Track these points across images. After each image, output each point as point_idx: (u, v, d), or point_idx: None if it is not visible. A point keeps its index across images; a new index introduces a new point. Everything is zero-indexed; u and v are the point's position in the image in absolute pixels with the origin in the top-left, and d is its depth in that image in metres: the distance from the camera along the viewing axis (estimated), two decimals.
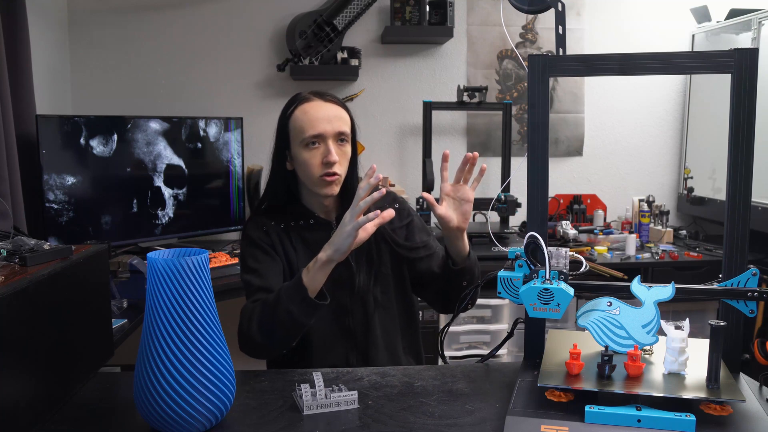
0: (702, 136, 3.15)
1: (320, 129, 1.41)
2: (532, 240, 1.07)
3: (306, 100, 1.46)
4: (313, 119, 1.42)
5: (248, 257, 1.45)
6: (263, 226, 1.47)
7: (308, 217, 1.49)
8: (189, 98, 2.98)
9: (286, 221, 1.49)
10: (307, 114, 1.43)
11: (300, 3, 2.97)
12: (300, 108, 1.45)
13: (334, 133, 1.42)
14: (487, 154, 3.22)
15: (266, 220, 1.48)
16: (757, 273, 1.05)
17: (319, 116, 1.42)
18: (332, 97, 1.50)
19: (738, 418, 0.94)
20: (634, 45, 3.17)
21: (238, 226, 2.88)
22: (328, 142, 1.41)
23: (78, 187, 2.36)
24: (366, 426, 1.01)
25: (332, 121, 1.43)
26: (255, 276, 1.42)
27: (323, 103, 1.46)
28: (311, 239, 1.48)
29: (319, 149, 1.42)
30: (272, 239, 1.46)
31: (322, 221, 1.49)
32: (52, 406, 1.02)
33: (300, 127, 1.43)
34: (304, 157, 1.42)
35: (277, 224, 1.48)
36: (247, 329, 1.31)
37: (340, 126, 1.43)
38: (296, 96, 1.49)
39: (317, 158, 1.41)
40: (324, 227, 1.49)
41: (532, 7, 1.14)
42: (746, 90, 1.03)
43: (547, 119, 1.12)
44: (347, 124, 1.46)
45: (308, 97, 1.47)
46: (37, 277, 0.97)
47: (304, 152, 1.42)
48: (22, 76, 2.18)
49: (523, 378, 1.10)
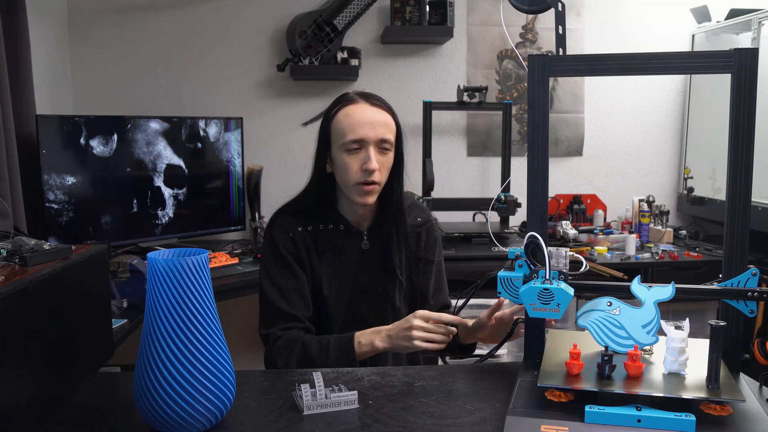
0: (702, 136, 3.15)
1: (362, 134, 1.35)
2: (532, 240, 1.07)
3: (351, 102, 1.40)
4: (355, 123, 1.36)
5: (272, 266, 1.42)
6: (289, 231, 1.43)
7: (339, 222, 1.45)
8: (189, 98, 2.98)
9: (315, 224, 1.44)
10: (350, 117, 1.37)
11: (300, 3, 2.97)
12: (344, 110, 1.39)
13: (377, 140, 1.36)
14: (487, 154, 3.22)
15: (293, 222, 1.44)
16: (757, 273, 1.05)
17: (362, 120, 1.36)
18: (379, 102, 1.42)
19: (738, 418, 0.94)
20: (634, 45, 3.17)
21: (238, 226, 2.89)
22: (369, 148, 1.36)
23: (78, 187, 2.36)
24: (366, 426, 1.01)
25: (375, 127, 1.36)
26: (279, 296, 1.40)
27: (368, 107, 1.39)
28: (340, 246, 1.44)
29: (359, 155, 1.36)
30: (298, 248, 1.42)
31: (353, 230, 1.46)
32: (52, 406, 1.02)
33: (341, 129, 1.37)
34: (343, 162, 1.37)
35: (305, 228, 1.44)
36: (284, 366, 1.35)
37: (383, 133, 1.37)
38: (342, 96, 1.43)
39: (356, 164, 1.36)
40: (354, 236, 1.46)
41: (532, 7, 1.14)
42: (746, 90, 1.03)
43: (547, 119, 1.11)
44: (392, 131, 1.40)
45: (354, 98, 1.41)
46: (37, 277, 0.97)
47: (344, 156, 1.37)
48: (22, 76, 2.18)
49: (523, 378, 1.10)
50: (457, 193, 3.21)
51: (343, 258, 1.44)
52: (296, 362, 1.34)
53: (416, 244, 1.50)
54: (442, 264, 1.58)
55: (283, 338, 1.37)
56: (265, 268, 1.44)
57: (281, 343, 1.36)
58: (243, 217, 2.89)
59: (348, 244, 1.45)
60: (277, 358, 1.36)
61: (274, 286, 1.41)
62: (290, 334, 1.38)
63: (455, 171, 3.22)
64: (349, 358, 1.32)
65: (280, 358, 1.36)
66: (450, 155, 3.21)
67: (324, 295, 1.43)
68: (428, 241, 1.53)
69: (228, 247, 2.72)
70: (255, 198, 2.93)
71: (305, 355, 1.34)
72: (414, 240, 1.50)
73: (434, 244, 1.54)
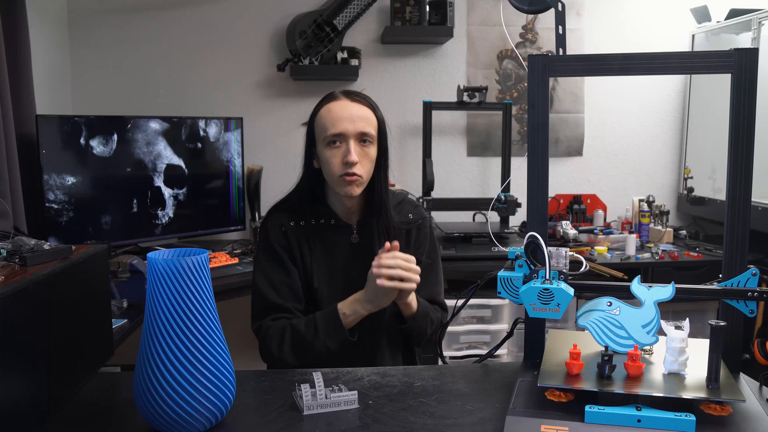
0: (702, 136, 3.15)
1: (341, 128, 1.40)
2: (532, 240, 1.07)
3: (333, 99, 1.45)
4: (336, 118, 1.41)
5: (264, 261, 1.47)
6: (282, 226, 1.48)
7: (330, 217, 1.50)
8: (189, 98, 2.98)
9: (306, 219, 1.49)
10: (330, 113, 1.42)
11: (300, 3, 2.97)
12: (326, 106, 1.44)
13: (356, 133, 1.41)
14: (487, 154, 3.22)
15: (286, 217, 1.49)
16: (757, 273, 1.05)
17: (343, 115, 1.41)
18: (361, 98, 1.47)
19: (738, 418, 0.94)
20: (634, 45, 3.17)
21: (238, 226, 2.89)
22: (350, 141, 1.40)
23: (78, 187, 2.36)
24: (366, 426, 1.01)
25: (355, 121, 1.41)
26: (271, 289, 1.44)
27: (349, 103, 1.44)
28: (330, 240, 1.49)
29: (340, 148, 1.41)
30: (290, 242, 1.47)
31: (343, 224, 1.50)
32: (52, 406, 1.02)
33: (323, 125, 1.43)
34: (326, 156, 1.42)
35: (297, 223, 1.48)
36: (279, 352, 1.38)
37: (363, 126, 1.41)
38: (327, 94, 1.48)
39: (338, 158, 1.40)
40: (344, 230, 1.50)
41: (532, 7, 1.14)
42: (746, 90, 1.03)
43: (547, 119, 1.12)
44: (372, 125, 1.44)
45: (336, 95, 1.46)
46: (37, 277, 0.97)
47: (326, 151, 1.42)
48: (22, 77, 2.18)
49: (523, 378, 1.10)
50: (457, 193, 3.21)
51: (333, 252, 1.49)
52: (289, 345, 1.38)
53: (406, 242, 1.51)
54: (436, 265, 1.57)
55: (273, 327, 1.41)
56: (257, 263, 1.49)
57: (272, 332, 1.40)
58: (243, 217, 2.89)
59: (338, 238, 1.49)
60: (271, 346, 1.39)
61: (266, 279, 1.45)
62: (280, 322, 1.42)
63: (455, 171, 3.22)
64: (337, 329, 1.36)
65: (273, 345, 1.39)
66: (450, 155, 3.21)
67: (315, 287, 1.47)
68: (417, 238, 1.54)
69: (228, 247, 2.72)
70: (255, 198, 2.93)
71: (296, 336, 1.38)
72: (404, 237, 1.51)
73: (423, 243, 1.55)
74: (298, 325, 1.39)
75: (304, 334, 1.37)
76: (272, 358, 1.40)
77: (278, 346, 1.38)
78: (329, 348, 1.36)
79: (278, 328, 1.40)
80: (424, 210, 1.61)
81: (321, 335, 1.37)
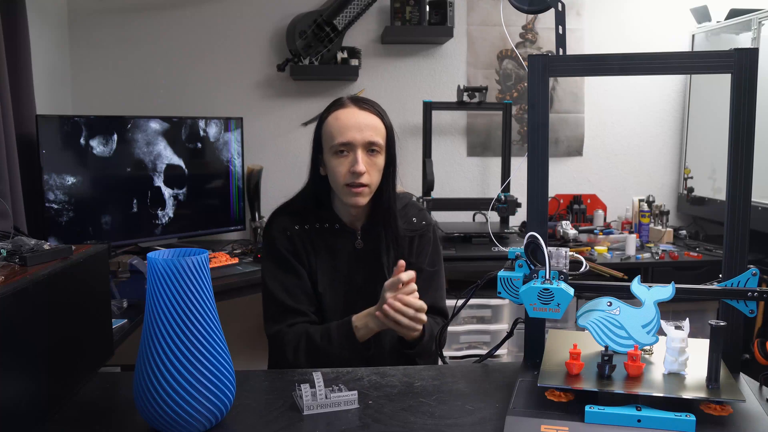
0: (702, 136, 3.15)
1: (349, 137, 1.38)
2: (532, 240, 1.07)
3: (341, 106, 1.42)
4: (344, 126, 1.39)
5: (273, 266, 1.46)
6: (287, 230, 1.47)
7: (334, 222, 1.48)
8: (189, 98, 2.98)
9: (310, 223, 1.48)
10: (338, 120, 1.40)
11: (300, 3, 2.97)
12: (333, 114, 1.42)
13: (364, 143, 1.39)
14: (487, 154, 3.22)
15: (290, 221, 1.48)
16: (757, 273, 1.05)
17: (350, 124, 1.39)
18: (369, 105, 1.44)
19: (738, 418, 0.94)
20: (634, 45, 3.17)
21: (238, 226, 2.89)
22: (357, 151, 1.38)
23: (78, 187, 2.36)
24: (366, 426, 1.01)
25: (363, 130, 1.39)
26: (284, 293, 1.44)
27: (357, 111, 1.41)
28: (334, 245, 1.48)
29: (347, 158, 1.39)
30: (296, 246, 1.46)
31: (347, 229, 1.49)
32: (52, 406, 1.02)
33: (330, 133, 1.40)
34: (333, 165, 1.40)
35: (301, 227, 1.47)
36: (294, 359, 1.38)
37: (371, 135, 1.39)
38: (335, 101, 1.46)
39: (344, 167, 1.39)
40: (348, 235, 1.49)
41: (532, 7, 1.14)
42: (746, 90, 1.03)
43: (547, 119, 1.12)
44: (380, 134, 1.42)
45: (344, 102, 1.43)
46: (37, 277, 0.97)
47: (333, 159, 1.40)
48: (22, 76, 2.18)
49: (523, 378, 1.10)
50: (457, 193, 3.21)
51: (337, 256, 1.48)
52: (304, 353, 1.38)
53: (408, 249, 1.51)
54: (439, 272, 1.55)
55: (290, 333, 1.41)
56: (267, 268, 1.48)
57: (289, 338, 1.41)
58: (243, 217, 2.89)
59: (342, 242, 1.49)
60: (287, 353, 1.39)
61: (279, 284, 1.45)
62: (296, 328, 1.42)
63: (455, 171, 3.22)
64: (351, 342, 1.37)
65: (289, 352, 1.39)
66: (450, 155, 3.21)
67: (319, 291, 1.47)
68: (420, 246, 1.52)
69: (228, 247, 2.72)
70: (255, 198, 2.93)
71: (311, 345, 1.38)
72: (407, 243, 1.51)
73: (425, 250, 1.53)
74: (314, 334, 1.39)
75: (319, 344, 1.38)
76: (286, 363, 1.40)
77: (293, 354, 1.39)
78: (344, 356, 1.36)
79: (295, 335, 1.40)
80: (428, 214, 1.60)
81: (335, 346, 1.37)
